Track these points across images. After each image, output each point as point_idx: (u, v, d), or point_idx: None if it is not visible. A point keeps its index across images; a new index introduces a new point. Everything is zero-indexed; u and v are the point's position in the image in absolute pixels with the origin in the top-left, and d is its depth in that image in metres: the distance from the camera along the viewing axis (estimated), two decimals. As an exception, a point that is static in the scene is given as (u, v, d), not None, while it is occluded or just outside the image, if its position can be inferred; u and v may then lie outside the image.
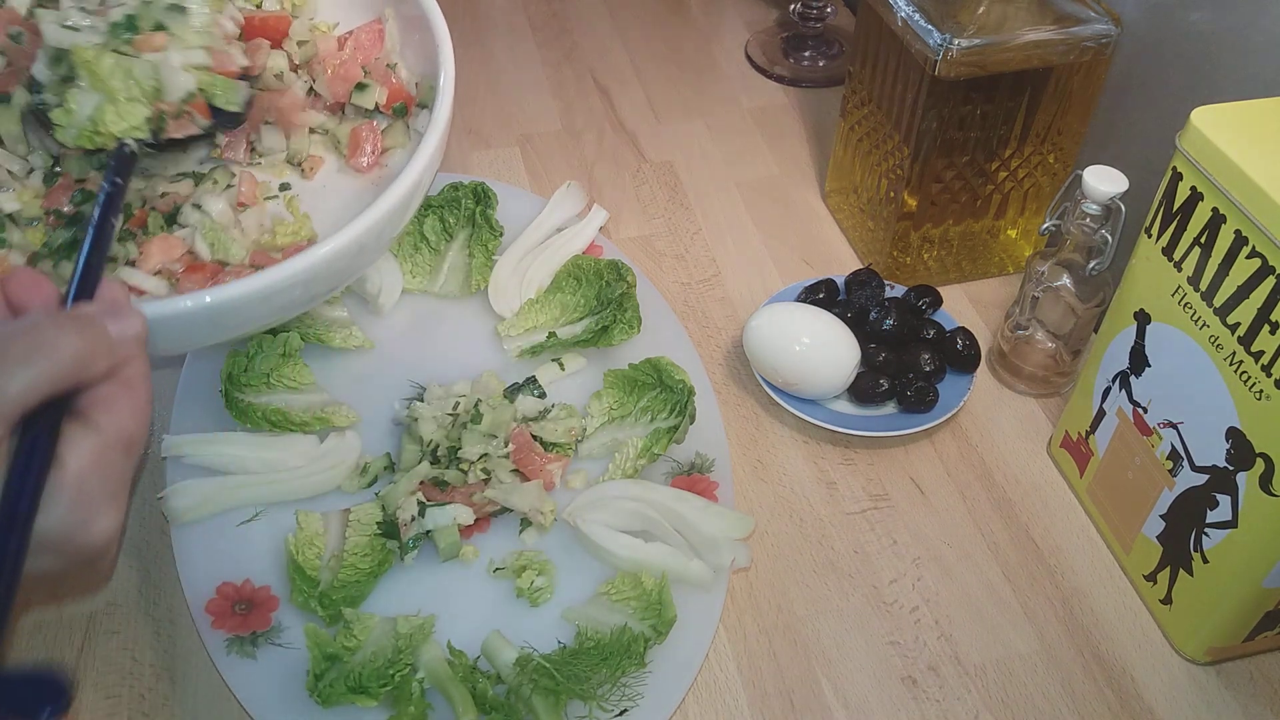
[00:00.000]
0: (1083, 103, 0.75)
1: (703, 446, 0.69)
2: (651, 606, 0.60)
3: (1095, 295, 0.70)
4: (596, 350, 0.74)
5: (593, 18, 1.13)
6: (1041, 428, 0.75)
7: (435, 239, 0.81)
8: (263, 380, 0.70)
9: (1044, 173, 0.79)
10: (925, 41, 0.70)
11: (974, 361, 0.74)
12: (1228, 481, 0.55)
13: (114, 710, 0.59)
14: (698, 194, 0.92)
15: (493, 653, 0.59)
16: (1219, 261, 0.53)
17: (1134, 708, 0.60)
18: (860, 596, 0.65)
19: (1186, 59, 0.71)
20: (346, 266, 0.59)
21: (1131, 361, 0.62)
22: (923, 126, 0.73)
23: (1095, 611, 0.64)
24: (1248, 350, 0.52)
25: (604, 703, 0.57)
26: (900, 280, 0.81)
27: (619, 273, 0.76)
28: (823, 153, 0.96)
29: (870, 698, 0.60)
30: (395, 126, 0.70)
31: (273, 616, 0.61)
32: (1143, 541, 0.63)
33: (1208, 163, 0.52)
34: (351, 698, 0.55)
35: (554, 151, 0.96)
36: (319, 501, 0.66)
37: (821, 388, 0.71)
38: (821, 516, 0.69)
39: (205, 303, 0.52)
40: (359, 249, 0.58)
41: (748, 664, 0.62)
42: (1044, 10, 0.72)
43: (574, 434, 0.68)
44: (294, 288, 0.55)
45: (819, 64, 1.07)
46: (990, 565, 0.66)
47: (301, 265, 0.54)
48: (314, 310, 0.75)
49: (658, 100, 1.03)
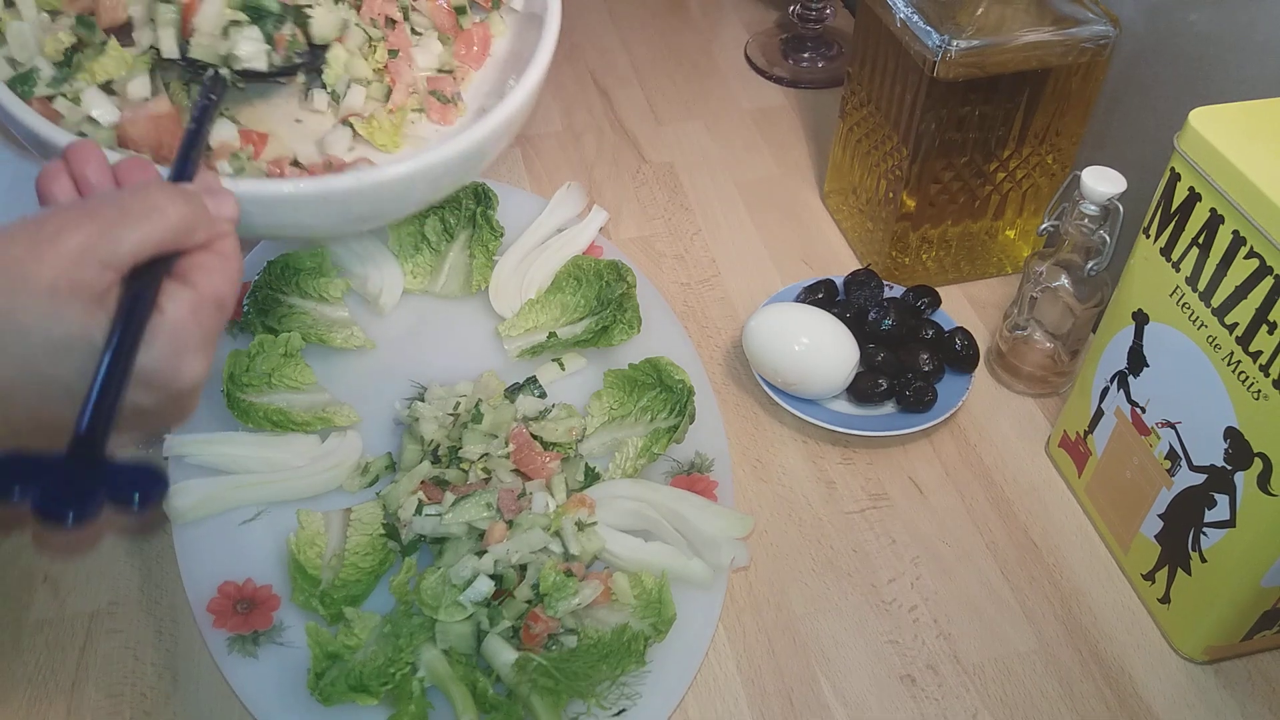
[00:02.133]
0: (1081, 104, 0.75)
1: (702, 446, 0.69)
2: (651, 605, 0.60)
3: (1093, 295, 0.71)
4: (596, 350, 0.75)
5: (593, 18, 1.13)
6: (1040, 427, 0.75)
7: (436, 239, 0.81)
8: (264, 380, 0.70)
9: (1042, 173, 0.79)
10: (924, 43, 0.70)
11: (972, 361, 0.74)
12: (1226, 481, 0.55)
13: (116, 709, 0.59)
14: (697, 195, 0.93)
15: (492, 653, 0.59)
16: (1217, 262, 0.53)
17: (1132, 706, 0.60)
18: (859, 595, 0.65)
19: (1184, 60, 0.71)
20: (491, 149, 0.65)
21: (1130, 361, 0.62)
22: (921, 127, 0.73)
23: (1094, 611, 0.65)
24: (1246, 350, 0.52)
25: (603, 701, 0.57)
26: (899, 280, 0.81)
27: (619, 273, 0.77)
28: (822, 153, 0.96)
29: (869, 696, 0.60)
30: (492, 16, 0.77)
31: (274, 615, 0.61)
32: (1141, 541, 0.64)
33: (1206, 163, 0.53)
34: (352, 696, 0.55)
35: (554, 152, 0.97)
36: (320, 501, 0.66)
37: (821, 387, 0.71)
38: (820, 516, 0.69)
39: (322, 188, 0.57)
40: (506, 131, 0.64)
41: (747, 663, 0.62)
42: (1042, 11, 0.72)
43: (574, 434, 0.68)
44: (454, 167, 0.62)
45: (818, 65, 1.07)
46: (989, 564, 0.67)
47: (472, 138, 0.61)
48: (315, 311, 0.75)
49: (658, 101, 1.03)
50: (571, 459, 0.67)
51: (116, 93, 0.65)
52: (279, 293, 0.75)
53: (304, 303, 0.75)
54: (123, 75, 0.66)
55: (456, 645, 0.59)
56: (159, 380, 0.44)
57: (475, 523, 0.62)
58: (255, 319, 0.73)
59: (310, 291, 0.76)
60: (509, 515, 0.63)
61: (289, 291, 0.75)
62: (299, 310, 0.75)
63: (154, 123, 0.65)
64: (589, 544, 0.62)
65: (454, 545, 0.62)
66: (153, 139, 0.66)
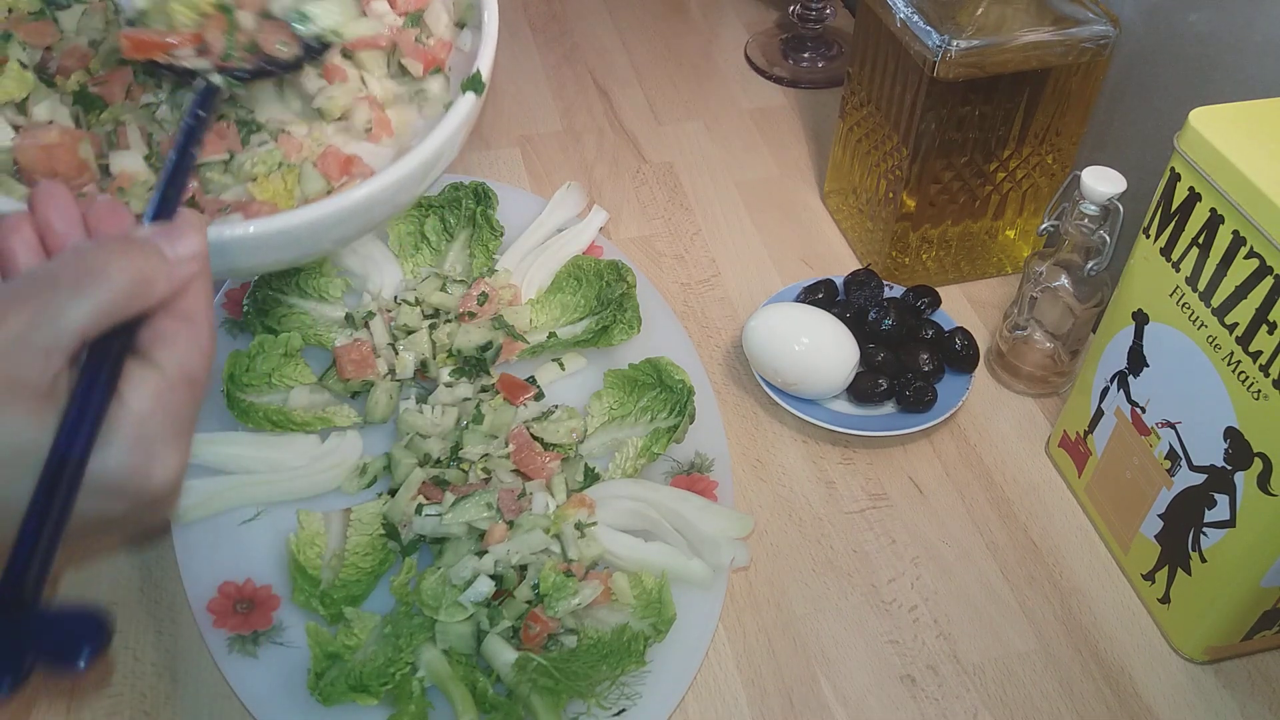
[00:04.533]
0: (1081, 104, 0.75)
1: (702, 446, 0.69)
2: (651, 605, 0.60)
3: (1093, 295, 0.71)
4: (596, 350, 0.75)
5: (593, 19, 1.13)
6: (1040, 427, 0.75)
7: (436, 239, 0.81)
8: (264, 380, 0.70)
9: (1042, 173, 0.79)
10: (924, 43, 0.70)
11: (972, 361, 0.74)
12: (1226, 481, 0.55)
13: (115, 709, 0.59)
14: (697, 195, 0.93)
15: (492, 653, 0.59)
16: (1217, 262, 0.53)
17: (1132, 707, 0.60)
18: (859, 595, 0.65)
19: (1184, 60, 0.71)
20: (420, 181, 0.64)
21: (1130, 361, 0.62)
22: (921, 127, 0.73)
23: (1094, 611, 0.65)
24: (1246, 350, 0.52)
25: (603, 701, 0.57)
26: (899, 280, 0.82)
27: (619, 273, 0.76)
28: (822, 153, 0.96)
29: (869, 696, 0.60)
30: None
31: (274, 615, 0.61)
32: (1141, 541, 0.64)
33: (1206, 163, 0.53)
34: (352, 696, 0.55)
35: (554, 152, 0.97)
36: (320, 501, 0.66)
37: (820, 387, 0.71)
38: (820, 516, 0.69)
39: (277, 227, 0.56)
40: (437, 160, 0.63)
41: (747, 663, 0.62)
42: (1042, 11, 0.72)
43: (575, 434, 0.68)
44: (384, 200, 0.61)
45: (818, 65, 1.07)
46: (989, 564, 0.67)
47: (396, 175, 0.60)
48: (315, 311, 0.75)
49: (658, 101, 1.03)
50: (571, 459, 0.67)
51: (24, 115, 0.63)
52: (279, 293, 0.75)
53: (304, 303, 0.75)
54: (24, 97, 0.63)
55: (456, 645, 0.59)
56: (126, 487, 0.38)
57: (475, 523, 0.62)
58: (255, 319, 0.73)
59: (310, 291, 0.76)
60: (509, 515, 0.63)
61: (288, 291, 0.75)
62: (299, 310, 0.75)
63: (45, 152, 0.61)
64: (588, 550, 0.62)
65: (454, 545, 0.62)
66: (45, 167, 0.62)
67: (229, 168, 0.67)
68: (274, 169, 0.67)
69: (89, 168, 0.63)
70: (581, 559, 0.62)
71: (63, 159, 0.62)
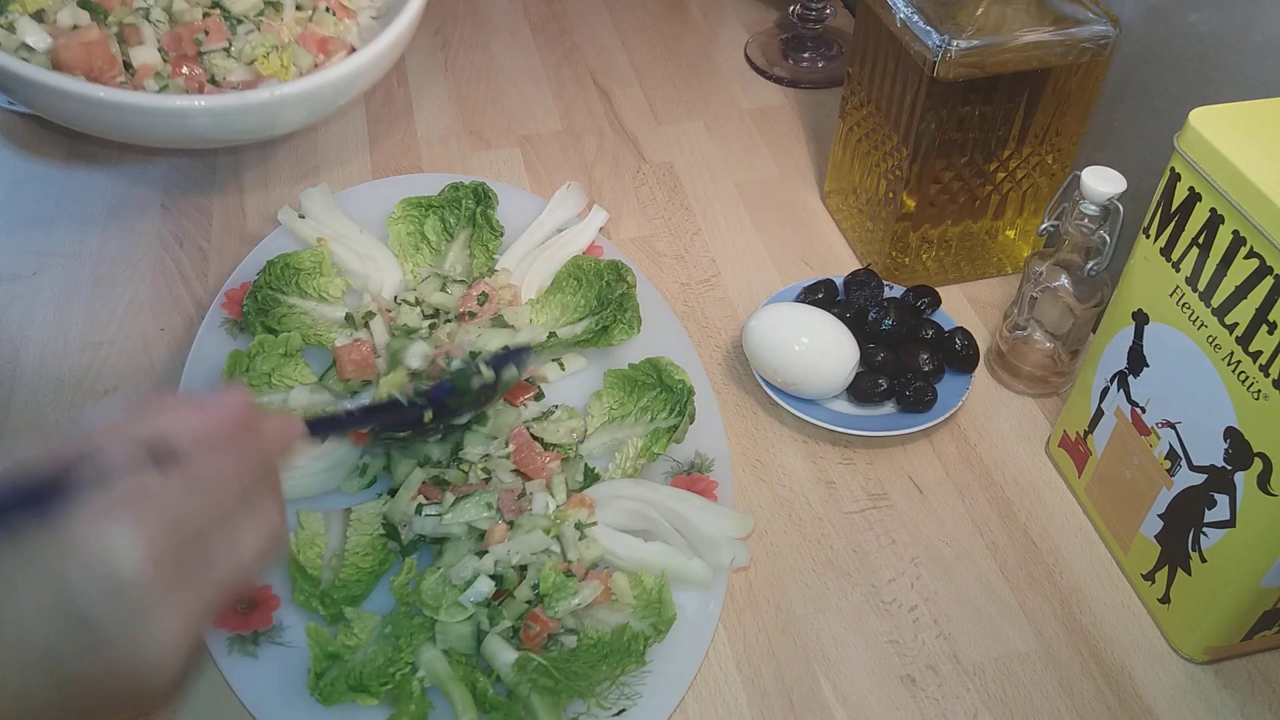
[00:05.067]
0: (1081, 104, 0.75)
1: (702, 446, 0.69)
2: (651, 605, 0.60)
3: (1093, 295, 0.71)
4: (596, 350, 0.75)
5: (593, 19, 1.13)
6: (1040, 427, 0.75)
7: (436, 239, 0.81)
8: (264, 380, 0.70)
9: (1042, 173, 0.79)
10: (924, 43, 0.70)
11: (972, 361, 0.74)
12: (1226, 481, 0.55)
13: (115, 709, 0.59)
14: (697, 195, 0.93)
15: (492, 653, 0.59)
16: (1217, 262, 0.53)
17: (1132, 707, 0.60)
18: (859, 595, 0.65)
19: (1184, 60, 0.71)
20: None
21: (1130, 361, 0.62)
22: (921, 127, 0.73)
23: (1094, 611, 0.65)
24: (1246, 350, 0.52)
25: (603, 701, 0.57)
26: (899, 280, 0.82)
27: (619, 273, 0.77)
28: (822, 153, 0.96)
29: (869, 696, 0.60)
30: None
31: (274, 615, 0.61)
32: (1141, 541, 0.64)
33: (1206, 163, 0.53)
34: (352, 696, 0.55)
35: (554, 152, 0.97)
36: (319, 501, 0.66)
37: (820, 387, 0.71)
38: (820, 516, 0.69)
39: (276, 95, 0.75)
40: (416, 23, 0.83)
41: (747, 663, 0.62)
42: (1042, 11, 0.72)
43: (575, 435, 0.68)
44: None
45: (818, 65, 1.07)
46: (989, 564, 0.67)
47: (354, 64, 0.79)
48: (315, 311, 0.75)
49: (657, 101, 1.03)
50: (571, 459, 0.68)
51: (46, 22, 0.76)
52: (279, 293, 0.75)
53: (304, 303, 0.75)
54: (51, 5, 0.75)
55: (456, 645, 0.59)
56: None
57: (475, 523, 0.62)
58: (255, 319, 0.73)
59: (310, 291, 0.76)
60: (509, 516, 0.63)
61: (289, 291, 0.75)
62: (299, 310, 0.75)
63: (85, 48, 0.73)
64: (588, 550, 0.62)
65: (454, 545, 0.62)
66: (84, 63, 0.74)
67: (231, 53, 0.82)
68: (270, 50, 0.82)
69: (117, 61, 0.77)
70: (581, 559, 0.62)
71: (99, 54, 0.73)
